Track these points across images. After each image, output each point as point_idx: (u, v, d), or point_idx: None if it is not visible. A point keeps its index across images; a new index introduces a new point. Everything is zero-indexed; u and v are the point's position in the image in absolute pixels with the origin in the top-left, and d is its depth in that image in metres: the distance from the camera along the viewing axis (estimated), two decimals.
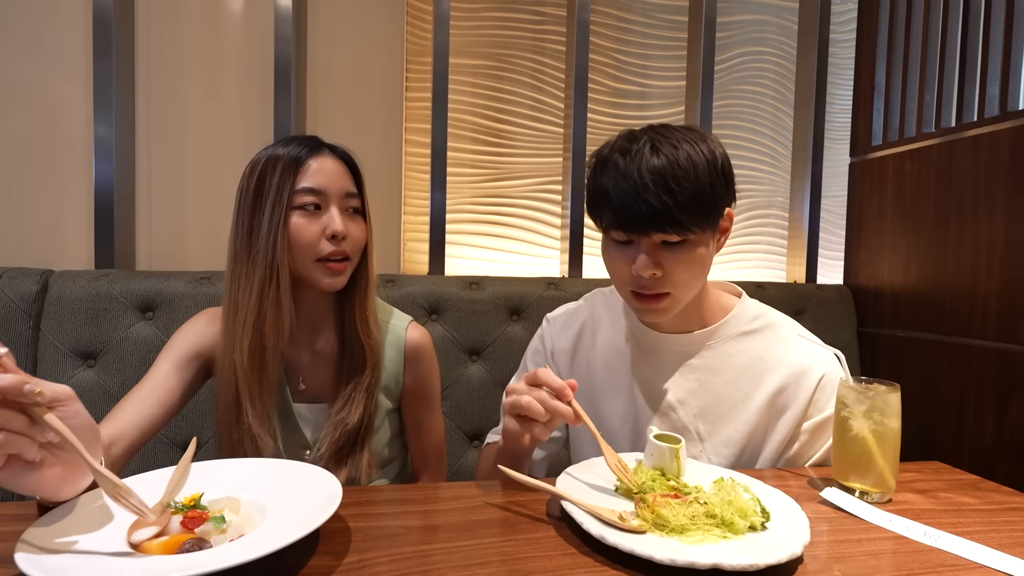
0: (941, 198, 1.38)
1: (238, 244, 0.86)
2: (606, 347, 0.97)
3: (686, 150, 0.77)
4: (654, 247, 0.79)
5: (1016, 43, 1.24)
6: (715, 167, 0.78)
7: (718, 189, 0.78)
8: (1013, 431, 1.19)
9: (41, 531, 0.52)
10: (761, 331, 0.91)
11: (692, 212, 0.76)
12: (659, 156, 0.76)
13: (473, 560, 0.56)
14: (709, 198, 0.77)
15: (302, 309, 0.91)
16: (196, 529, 0.55)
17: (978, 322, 1.28)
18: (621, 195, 0.77)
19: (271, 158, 0.86)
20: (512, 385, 0.76)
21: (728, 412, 0.88)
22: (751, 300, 0.95)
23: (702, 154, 0.78)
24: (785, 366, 0.87)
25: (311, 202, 0.85)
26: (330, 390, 0.93)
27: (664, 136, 0.79)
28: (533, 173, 1.77)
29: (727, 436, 0.88)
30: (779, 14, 1.91)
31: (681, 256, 0.79)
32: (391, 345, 0.97)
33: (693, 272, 0.81)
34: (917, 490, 0.77)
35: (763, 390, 0.87)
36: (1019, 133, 1.20)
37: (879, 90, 1.58)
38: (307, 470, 0.67)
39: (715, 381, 0.89)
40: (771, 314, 0.93)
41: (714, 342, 0.90)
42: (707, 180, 0.77)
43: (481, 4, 1.71)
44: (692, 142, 0.78)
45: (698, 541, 0.57)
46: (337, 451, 0.88)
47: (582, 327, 1.00)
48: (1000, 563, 0.57)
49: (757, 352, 0.89)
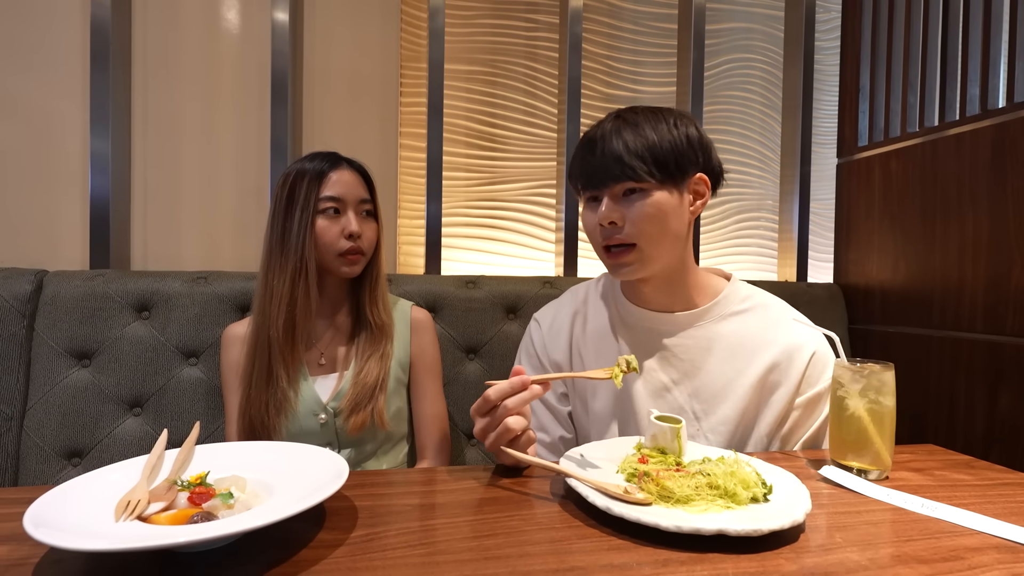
0: (927, 195, 1.41)
1: (273, 241, 1.05)
2: (595, 334, 0.98)
3: (649, 119, 0.85)
4: (615, 197, 0.85)
5: (994, 43, 1.28)
6: (676, 129, 0.84)
7: (678, 146, 0.84)
8: (1003, 420, 1.21)
9: (50, 504, 0.52)
10: (752, 311, 0.92)
11: (644, 160, 0.82)
12: (622, 123, 0.85)
13: (479, 533, 0.56)
14: (665, 151, 0.83)
15: (324, 293, 1.10)
16: (203, 504, 0.55)
17: (966, 315, 1.31)
18: (585, 154, 0.87)
19: (300, 172, 1.05)
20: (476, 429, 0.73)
21: (722, 391, 0.89)
22: (741, 282, 0.97)
23: (663, 119, 0.85)
24: (777, 344, 0.89)
25: (332, 207, 1.05)
26: (343, 361, 1.10)
27: (632, 111, 0.88)
28: (527, 177, 1.79)
29: (722, 415, 0.89)
30: (766, 23, 1.97)
31: (640, 205, 0.84)
32: (399, 320, 1.15)
33: (657, 224, 0.84)
34: (913, 469, 0.79)
35: (755, 368, 0.88)
36: (1000, 130, 1.24)
37: (864, 92, 1.62)
38: (312, 451, 0.68)
39: (708, 361, 0.90)
40: (761, 295, 0.95)
41: (705, 322, 0.91)
42: (666, 136, 0.83)
43: (475, 11, 1.74)
44: (658, 113, 0.86)
45: (702, 510, 0.58)
46: (355, 405, 1.03)
47: (572, 321, 1.01)
48: (996, 529, 0.58)
49: (748, 331, 0.90)
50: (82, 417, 1.19)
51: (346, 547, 0.53)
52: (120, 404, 1.22)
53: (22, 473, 1.17)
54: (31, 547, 0.52)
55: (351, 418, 1.02)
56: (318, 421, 1.04)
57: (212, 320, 1.26)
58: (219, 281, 1.29)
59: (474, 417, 0.73)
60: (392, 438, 1.11)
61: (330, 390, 1.07)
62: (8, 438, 1.17)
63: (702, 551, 0.52)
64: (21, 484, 1.17)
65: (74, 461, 1.20)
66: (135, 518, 0.53)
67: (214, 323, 1.26)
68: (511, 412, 0.70)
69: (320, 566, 0.49)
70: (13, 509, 0.57)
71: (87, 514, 0.52)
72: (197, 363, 1.25)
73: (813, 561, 0.52)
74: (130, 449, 1.20)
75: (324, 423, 1.04)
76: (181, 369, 1.25)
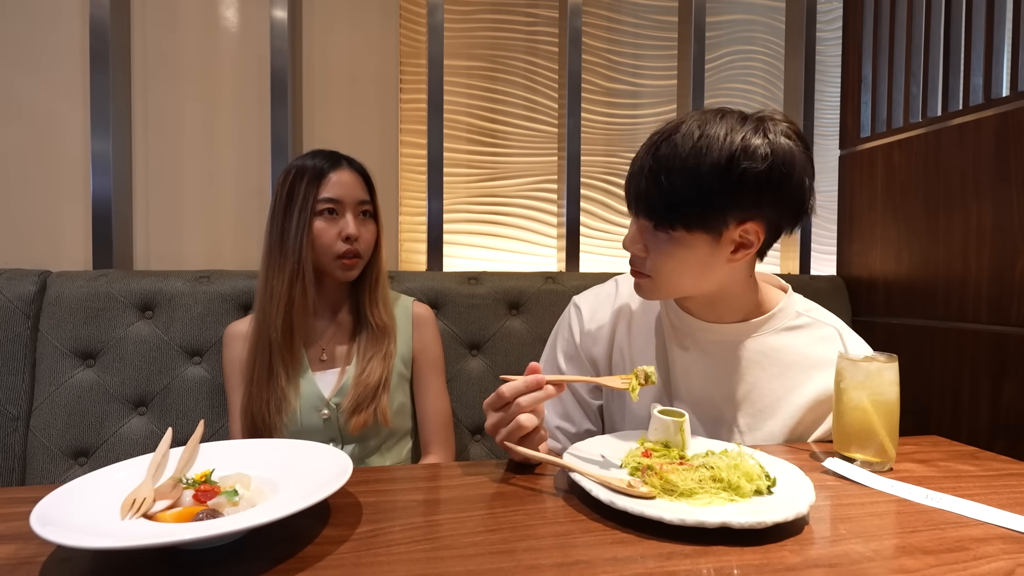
0: (930, 186, 1.40)
1: (272, 241, 1.05)
2: (641, 332, 0.93)
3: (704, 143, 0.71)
4: (643, 227, 0.80)
5: (998, 32, 1.27)
6: (727, 171, 0.71)
7: (726, 189, 0.72)
8: (1008, 411, 1.21)
9: (56, 503, 0.52)
10: (807, 327, 0.87)
11: (672, 208, 0.74)
12: (671, 144, 0.74)
13: (484, 528, 0.56)
14: (703, 196, 0.72)
15: (324, 294, 1.11)
16: (209, 502, 0.55)
17: (970, 306, 1.30)
18: (631, 169, 0.80)
19: (300, 169, 1.05)
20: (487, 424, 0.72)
21: (771, 407, 0.85)
22: (797, 296, 0.92)
23: (721, 153, 0.71)
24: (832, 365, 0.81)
25: (329, 208, 1.05)
26: (345, 357, 1.11)
27: (699, 122, 0.74)
28: (528, 172, 1.79)
29: (769, 431, 0.85)
30: (767, 14, 1.95)
31: (664, 248, 0.78)
32: (401, 316, 1.15)
33: (677, 268, 0.78)
34: (917, 460, 0.78)
35: (810, 387, 0.84)
36: (1003, 120, 1.23)
37: (866, 83, 1.61)
38: (316, 448, 0.68)
39: (759, 375, 0.85)
40: (817, 310, 0.91)
41: (759, 335, 0.86)
42: (707, 183, 0.71)
43: (474, 7, 1.74)
44: (721, 139, 0.72)
45: (706, 504, 0.58)
46: (357, 404, 1.04)
47: (616, 315, 0.95)
48: (1001, 519, 0.58)
49: (803, 348, 0.86)
50: (88, 416, 1.20)
51: (351, 543, 0.53)
52: (125, 403, 1.22)
53: (29, 472, 1.18)
54: (38, 546, 0.52)
55: (353, 417, 1.03)
56: (321, 417, 1.05)
57: (215, 319, 1.26)
58: (221, 280, 1.30)
59: (487, 411, 0.72)
60: (395, 434, 1.11)
61: (332, 385, 1.07)
62: (14, 438, 1.18)
63: (706, 544, 0.52)
64: (28, 483, 1.18)
65: (80, 460, 1.20)
66: (141, 516, 0.53)
67: (217, 322, 1.26)
68: (524, 410, 0.69)
69: (325, 562, 0.49)
70: (20, 508, 0.58)
71: (93, 513, 0.53)
72: (201, 362, 1.26)
73: (817, 553, 0.52)
74: (135, 448, 1.20)
75: (327, 418, 1.05)
76: (185, 368, 1.25)
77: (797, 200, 0.76)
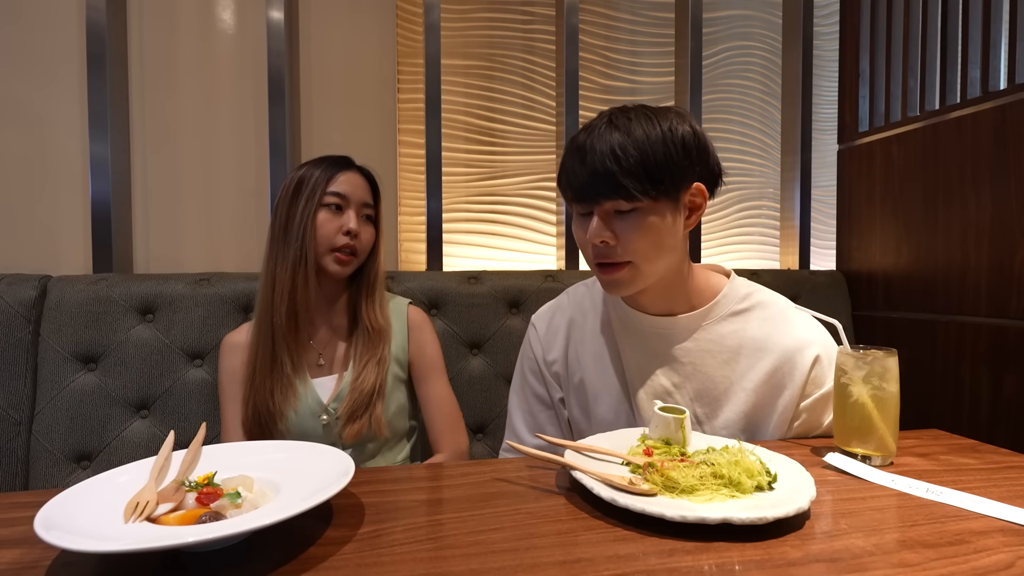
0: (928, 180, 1.40)
1: (276, 229, 1.08)
2: (594, 339, 0.96)
3: (642, 124, 0.79)
4: (606, 215, 0.81)
5: (995, 25, 1.27)
6: (672, 139, 0.78)
7: (673, 159, 0.78)
8: (1009, 403, 1.21)
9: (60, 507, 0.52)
10: (752, 310, 0.90)
11: (637, 178, 0.77)
12: (613, 129, 0.79)
13: (486, 527, 0.56)
14: (658, 166, 0.77)
15: (322, 292, 1.11)
16: (211, 504, 0.55)
17: (969, 299, 1.30)
18: (576, 166, 0.81)
19: (312, 163, 1.10)
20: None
21: (724, 394, 0.87)
22: (740, 279, 0.94)
23: (659, 126, 0.79)
24: (779, 345, 0.86)
25: (335, 203, 1.08)
26: (342, 362, 1.12)
27: (625, 113, 0.82)
28: (526, 171, 1.79)
29: (725, 418, 0.87)
30: (764, 9, 1.95)
31: (633, 223, 0.79)
32: (395, 318, 1.16)
33: (650, 241, 0.80)
34: (918, 454, 0.79)
35: (758, 370, 0.86)
36: (1001, 113, 1.23)
37: (864, 77, 1.61)
38: (318, 450, 0.68)
39: (709, 363, 0.88)
40: (761, 292, 0.92)
41: (706, 323, 0.89)
42: (659, 150, 0.78)
43: (470, 5, 1.74)
44: (652, 117, 0.80)
45: (707, 500, 0.58)
46: (352, 412, 1.05)
47: (569, 325, 0.99)
48: (1002, 512, 0.58)
49: (750, 332, 0.88)
50: (90, 420, 1.20)
51: (354, 543, 0.53)
52: (127, 407, 1.23)
53: (32, 477, 1.18)
54: (43, 550, 0.52)
55: (348, 425, 1.04)
56: (320, 423, 1.06)
57: (216, 321, 1.27)
58: (221, 282, 1.30)
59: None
60: (392, 438, 1.11)
61: (330, 391, 1.09)
62: (17, 443, 1.18)
63: (707, 540, 0.53)
64: (31, 488, 1.18)
65: (83, 464, 1.21)
66: (144, 519, 0.53)
67: (218, 324, 1.26)
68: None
69: (328, 563, 0.50)
70: (24, 513, 0.58)
71: (97, 516, 0.53)
72: (202, 364, 1.26)
73: (819, 548, 0.52)
74: (138, 451, 1.21)
75: (326, 424, 1.05)
76: (186, 371, 1.25)
77: (716, 162, 0.86)
